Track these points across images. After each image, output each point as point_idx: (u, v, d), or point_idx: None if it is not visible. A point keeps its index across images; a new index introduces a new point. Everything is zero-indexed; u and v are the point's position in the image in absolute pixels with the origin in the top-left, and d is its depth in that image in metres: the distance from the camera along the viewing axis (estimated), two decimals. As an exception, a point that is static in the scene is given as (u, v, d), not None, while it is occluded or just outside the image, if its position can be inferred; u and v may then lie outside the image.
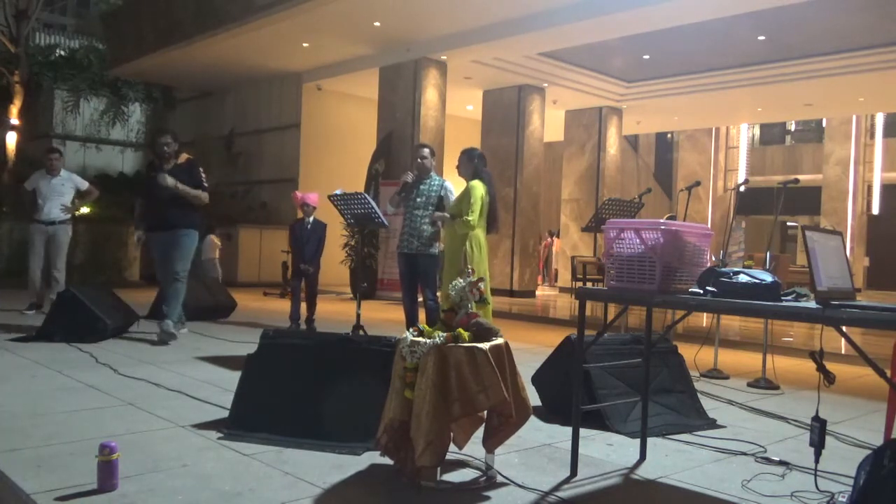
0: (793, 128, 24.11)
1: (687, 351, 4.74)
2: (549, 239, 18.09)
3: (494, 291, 12.96)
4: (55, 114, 16.27)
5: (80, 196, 8.00)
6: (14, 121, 14.96)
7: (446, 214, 5.24)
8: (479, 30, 10.94)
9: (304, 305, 7.34)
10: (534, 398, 3.57)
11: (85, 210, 13.41)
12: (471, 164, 5.22)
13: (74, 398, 3.97)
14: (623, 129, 15.89)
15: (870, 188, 20.96)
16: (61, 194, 7.69)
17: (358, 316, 5.88)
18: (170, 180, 6.05)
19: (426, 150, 5.67)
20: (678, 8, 9.28)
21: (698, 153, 22.42)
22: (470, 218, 5.00)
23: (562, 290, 15.22)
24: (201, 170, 6.35)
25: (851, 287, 2.58)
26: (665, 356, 4.20)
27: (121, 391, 4.18)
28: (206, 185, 6.28)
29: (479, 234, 5.14)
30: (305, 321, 7.22)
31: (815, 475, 2.79)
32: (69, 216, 7.76)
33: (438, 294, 5.50)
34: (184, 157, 6.29)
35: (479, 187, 5.09)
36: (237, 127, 15.49)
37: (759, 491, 2.85)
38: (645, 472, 3.09)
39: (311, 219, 7.26)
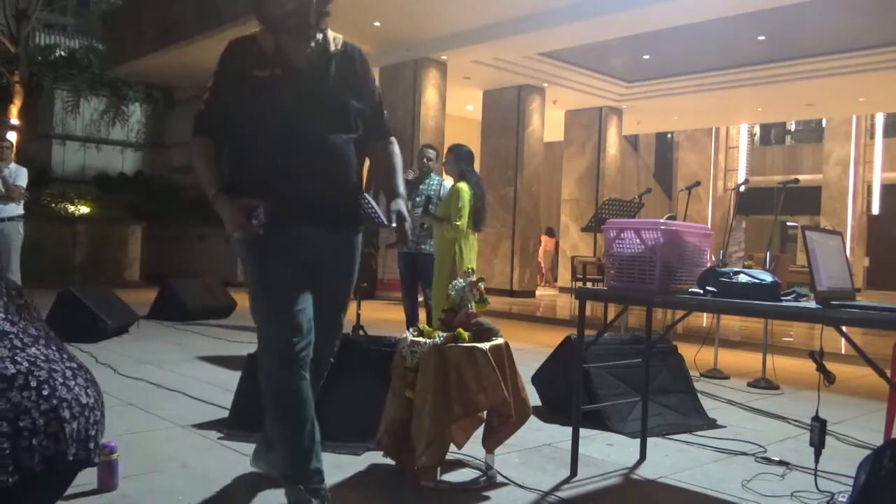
0: (793, 128, 24.09)
1: (687, 351, 4.74)
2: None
3: (494, 291, 13.05)
4: (55, 114, 16.23)
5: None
6: (14, 121, 14.94)
7: (431, 217, 5.21)
8: (479, 30, 10.93)
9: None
10: (534, 398, 3.57)
11: (85, 210, 13.42)
12: (458, 164, 5.21)
13: (74, 398, 3.96)
14: (623, 129, 15.87)
15: (870, 188, 20.95)
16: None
17: (358, 316, 5.88)
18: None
19: (432, 152, 5.62)
20: (678, 8, 9.27)
21: (698, 153, 22.40)
22: (458, 223, 4.99)
23: (562, 290, 15.21)
24: None
25: (851, 287, 2.58)
26: (665, 356, 4.20)
27: (121, 391, 4.18)
28: None
29: (469, 234, 5.15)
30: None
31: (815, 475, 2.79)
32: (22, 212, 6.88)
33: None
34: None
35: (465, 190, 5.07)
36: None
37: (759, 491, 2.85)
38: (645, 472, 3.09)
39: None
